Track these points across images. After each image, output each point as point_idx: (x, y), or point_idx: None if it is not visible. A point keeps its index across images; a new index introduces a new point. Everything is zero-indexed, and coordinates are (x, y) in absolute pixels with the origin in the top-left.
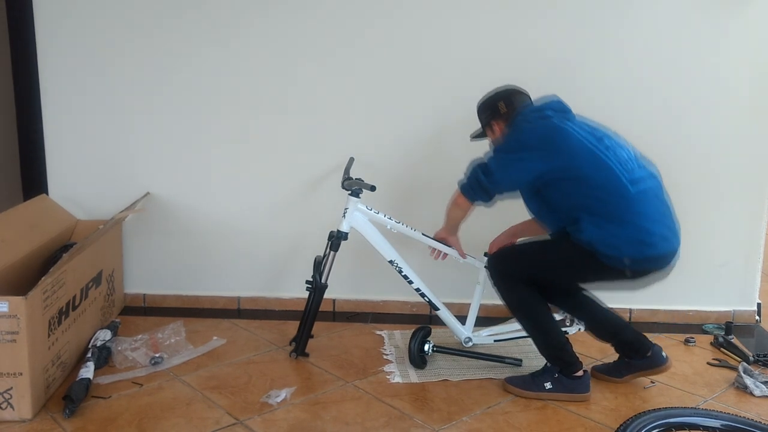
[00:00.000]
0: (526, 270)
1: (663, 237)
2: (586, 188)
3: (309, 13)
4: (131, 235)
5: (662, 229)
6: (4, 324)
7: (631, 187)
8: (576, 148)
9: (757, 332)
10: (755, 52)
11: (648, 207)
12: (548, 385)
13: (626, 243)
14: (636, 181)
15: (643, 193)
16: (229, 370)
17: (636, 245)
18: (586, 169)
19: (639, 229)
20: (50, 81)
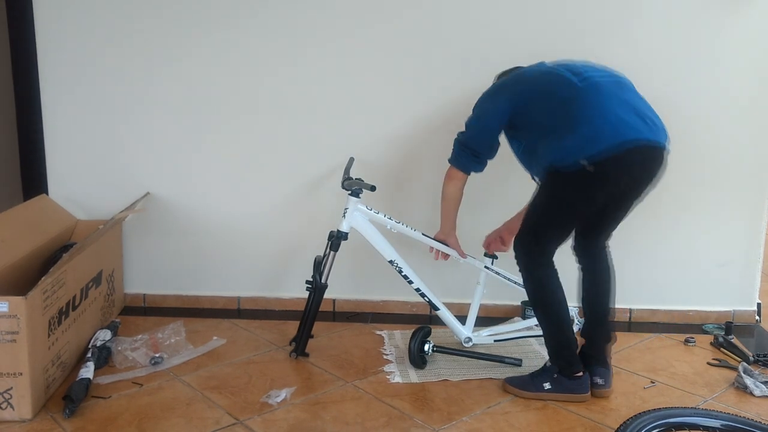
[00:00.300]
0: (535, 235)
1: (618, 125)
2: (539, 109)
3: (310, 14)
4: (131, 235)
5: (615, 118)
6: (4, 324)
7: (578, 81)
8: (528, 74)
9: (757, 332)
10: (756, 52)
11: (598, 97)
12: (547, 385)
13: (577, 146)
14: (586, 77)
15: (594, 85)
16: (229, 370)
17: (587, 143)
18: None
19: (587, 127)
20: (50, 81)
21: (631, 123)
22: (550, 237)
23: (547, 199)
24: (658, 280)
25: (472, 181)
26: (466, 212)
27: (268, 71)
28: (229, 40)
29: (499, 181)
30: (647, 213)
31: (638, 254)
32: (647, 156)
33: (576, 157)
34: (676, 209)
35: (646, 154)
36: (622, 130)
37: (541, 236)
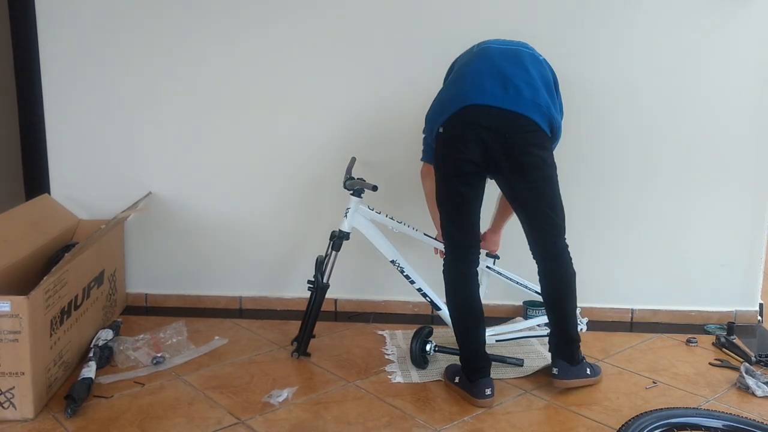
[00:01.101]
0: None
1: (469, 90)
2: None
3: (311, 13)
4: (133, 234)
5: (471, 84)
6: (6, 323)
7: (476, 47)
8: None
9: (759, 332)
10: (756, 52)
11: (474, 63)
12: (456, 379)
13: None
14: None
15: (481, 51)
16: (231, 369)
17: (443, 110)
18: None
19: (446, 91)
20: (52, 81)
21: (485, 88)
22: (444, 226)
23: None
24: (659, 281)
25: None
26: None
27: (269, 71)
28: (230, 40)
29: None
30: (648, 213)
31: (639, 254)
32: (493, 122)
33: (437, 123)
34: (677, 209)
35: (491, 120)
36: (469, 95)
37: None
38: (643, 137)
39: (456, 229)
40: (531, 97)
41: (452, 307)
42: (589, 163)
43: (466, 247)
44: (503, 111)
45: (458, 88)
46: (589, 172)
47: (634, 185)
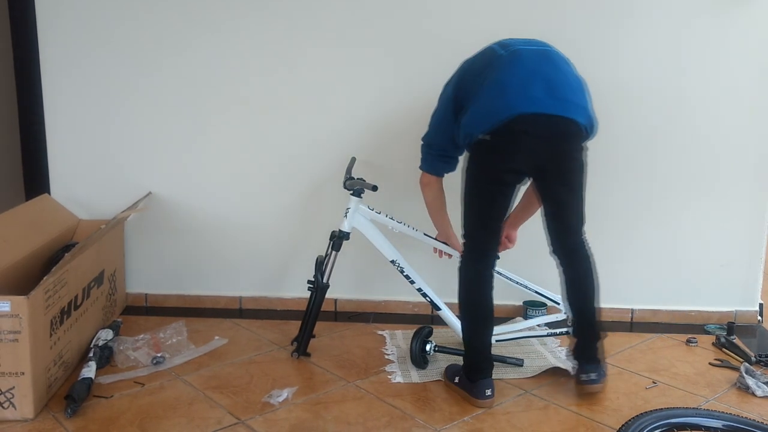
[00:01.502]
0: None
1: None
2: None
3: (310, 14)
4: (133, 234)
5: (516, 90)
6: (6, 323)
7: (504, 52)
8: (469, 60)
9: (759, 332)
10: (757, 52)
11: (511, 66)
12: (456, 379)
13: (477, 121)
14: (511, 47)
15: (514, 53)
16: (231, 369)
17: (484, 117)
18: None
19: (487, 101)
20: (52, 81)
21: (532, 95)
22: (470, 224)
23: (465, 182)
24: (659, 281)
25: None
26: None
27: (270, 71)
28: (231, 39)
29: None
30: (648, 213)
31: (640, 254)
32: (546, 129)
33: (476, 132)
34: (677, 209)
35: (543, 127)
36: (518, 103)
37: (466, 225)
38: (643, 138)
39: (482, 231)
40: (575, 99)
41: (465, 305)
42: (589, 164)
43: (488, 249)
44: (553, 117)
45: (504, 97)
46: (588, 172)
47: (634, 186)
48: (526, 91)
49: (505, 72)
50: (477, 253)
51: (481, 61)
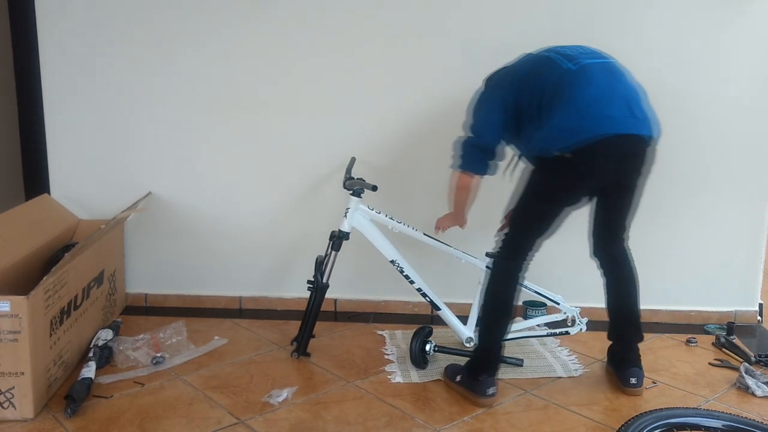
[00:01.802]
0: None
1: (601, 117)
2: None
3: (310, 14)
4: (133, 234)
5: (599, 109)
6: (5, 323)
7: (572, 65)
8: (518, 65)
9: (759, 332)
10: (757, 52)
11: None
12: (458, 378)
13: (559, 136)
14: (578, 61)
15: (584, 70)
16: (231, 369)
17: (569, 134)
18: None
19: (570, 117)
20: (52, 81)
21: (614, 116)
22: (527, 229)
23: (528, 188)
24: (659, 281)
25: None
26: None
27: (269, 71)
28: (231, 40)
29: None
30: (648, 213)
31: (640, 254)
32: (627, 150)
33: (554, 149)
34: (677, 209)
35: (625, 148)
36: (602, 124)
37: (520, 229)
38: None
39: (532, 238)
40: (649, 114)
41: (492, 300)
42: None
43: (528, 254)
44: (633, 137)
45: (586, 117)
46: None
47: None
48: (608, 111)
49: (583, 89)
50: (517, 255)
51: (546, 73)
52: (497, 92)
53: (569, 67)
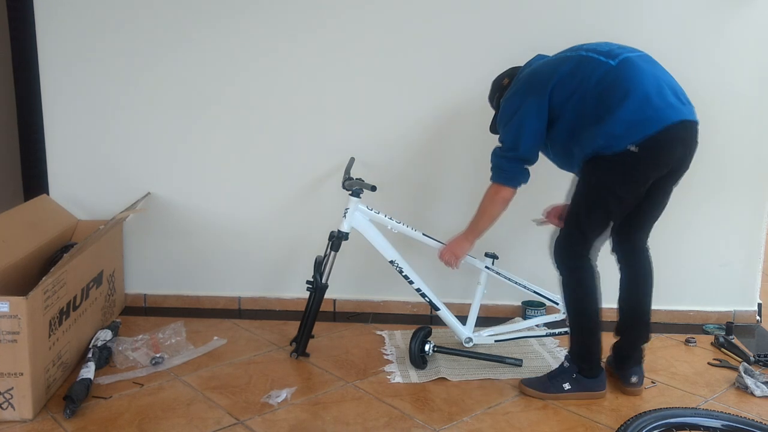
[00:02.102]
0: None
1: (662, 107)
2: (575, 97)
3: (309, 15)
4: (132, 235)
5: (658, 99)
6: (5, 324)
7: (612, 61)
8: (553, 65)
9: (758, 332)
10: (756, 52)
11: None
12: (567, 386)
13: (625, 132)
14: (618, 56)
15: (628, 63)
16: (230, 370)
17: (635, 128)
18: (565, 75)
19: (632, 111)
20: (51, 81)
21: (672, 103)
22: (593, 229)
23: (591, 188)
24: (658, 280)
25: (470, 181)
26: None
27: (269, 71)
28: (230, 40)
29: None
30: None
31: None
32: (687, 135)
33: (625, 143)
34: (676, 209)
35: (686, 134)
36: (667, 113)
37: (585, 229)
38: None
39: (600, 233)
40: (690, 101)
41: (591, 302)
42: None
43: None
44: (689, 122)
45: (650, 107)
46: None
47: None
48: (665, 100)
49: (636, 82)
50: (586, 253)
51: (587, 72)
52: (531, 99)
53: (610, 63)
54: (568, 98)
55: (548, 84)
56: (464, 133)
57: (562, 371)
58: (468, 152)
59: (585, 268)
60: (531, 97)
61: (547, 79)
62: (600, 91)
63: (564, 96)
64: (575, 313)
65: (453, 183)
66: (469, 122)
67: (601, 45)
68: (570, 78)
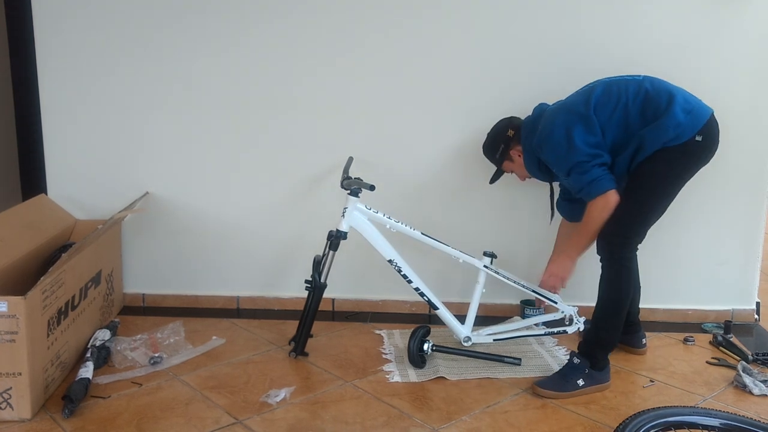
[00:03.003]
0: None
1: (699, 102)
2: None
3: (309, 15)
4: (130, 234)
5: (692, 98)
6: (3, 324)
7: (637, 77)
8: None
9: (756, 331)
10: (755, 50)
11: (666, 82)
12: (581, 382)
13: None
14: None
15: (648, 76)
16: (229, 369)
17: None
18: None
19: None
20: (49, 80)
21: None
22: (655, 219)
23: (663, 177)
24: (656, 279)
25: (469, 180)
26: (463, 209)
27: (268, 71)
28: (229, 39)
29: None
30: None
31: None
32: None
33: (691, 132)
34: (674, 208)
35: (718, 124)
36: (703, 105)
37: (650, 220)
38: None
39: (646, 229)
40: None
41: (626, 296)
42: None
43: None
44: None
45: (694, 100)
46: None
47: None
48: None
49: (670, 86)
50: (634, 248)
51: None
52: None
53: (636, 78)
54: (611, 116)
55: (589, 107)
56: (464, 133)
57: (575, 368)
58: (466, 152)
59: (635, 260)
60: (576, 117)
61: (584, 103)
62: (642, 100)
63: (606, 115)
64: (614, 305)
65: (453, 182)
66: (469, 121)
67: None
68: (607, 98)
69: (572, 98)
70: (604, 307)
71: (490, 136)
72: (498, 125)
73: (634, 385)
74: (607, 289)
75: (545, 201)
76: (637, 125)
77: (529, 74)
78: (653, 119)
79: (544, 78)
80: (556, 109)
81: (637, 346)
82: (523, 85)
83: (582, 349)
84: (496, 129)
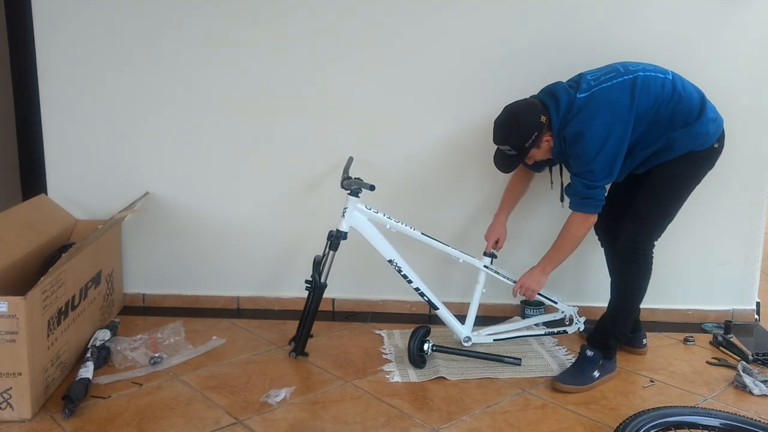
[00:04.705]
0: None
1: (716, 110)
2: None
3: (309, 14)
4: (130, 235)
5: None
6: (3, 324)
7: (667, 75)
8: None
9: (757, 331)
10: (755, 49)
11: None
12: (596, 374)
13: (714, 130)
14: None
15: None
16: (229, 369)
17: (718, 126)
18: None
19: (711, 112)
20: (49, 81)
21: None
22: (673, 217)
23: (686, 179)
24: (657, 279)
25: (469, 181)
26: (463, 209)
27: (268, 70)
28: (229, 39)
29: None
30: None
31: None
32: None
33: (712, 140)
34: None
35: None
36: (719, 114)
37: (671, 218)
38: None
39: (671, 221)
40: None
41: (641, 292)
42: None
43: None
44: None
45: (715, 110)
46: None
47: None
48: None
49: (697, 89)
50: (653, 245)
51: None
52: (619, 125)
53: (667, 77)
54: (645, 114)
55: (632, 109)
56: (464, 132)
57: (589, 361)
58: (467, 151)
59: (650, 259)
60: (619, 124)
61: (628, 107)
62: (676, 104)
63: (642, 113)
64: (633, 298)
65: (452, 182)
66: (469, 121)
67: (639, 64)
68: (646, 97)
69: (615, 93)
70: (622, 297)
71: (517, 123)
72: (522, 111)
73: (634, 385)
74: (628, 280)
75: (545, 201)
76: (665, 126)
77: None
78: (683, 125)
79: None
80: (599, 104)
81: (637, 346)
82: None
83: (595, 339)
84: (524, 116)
